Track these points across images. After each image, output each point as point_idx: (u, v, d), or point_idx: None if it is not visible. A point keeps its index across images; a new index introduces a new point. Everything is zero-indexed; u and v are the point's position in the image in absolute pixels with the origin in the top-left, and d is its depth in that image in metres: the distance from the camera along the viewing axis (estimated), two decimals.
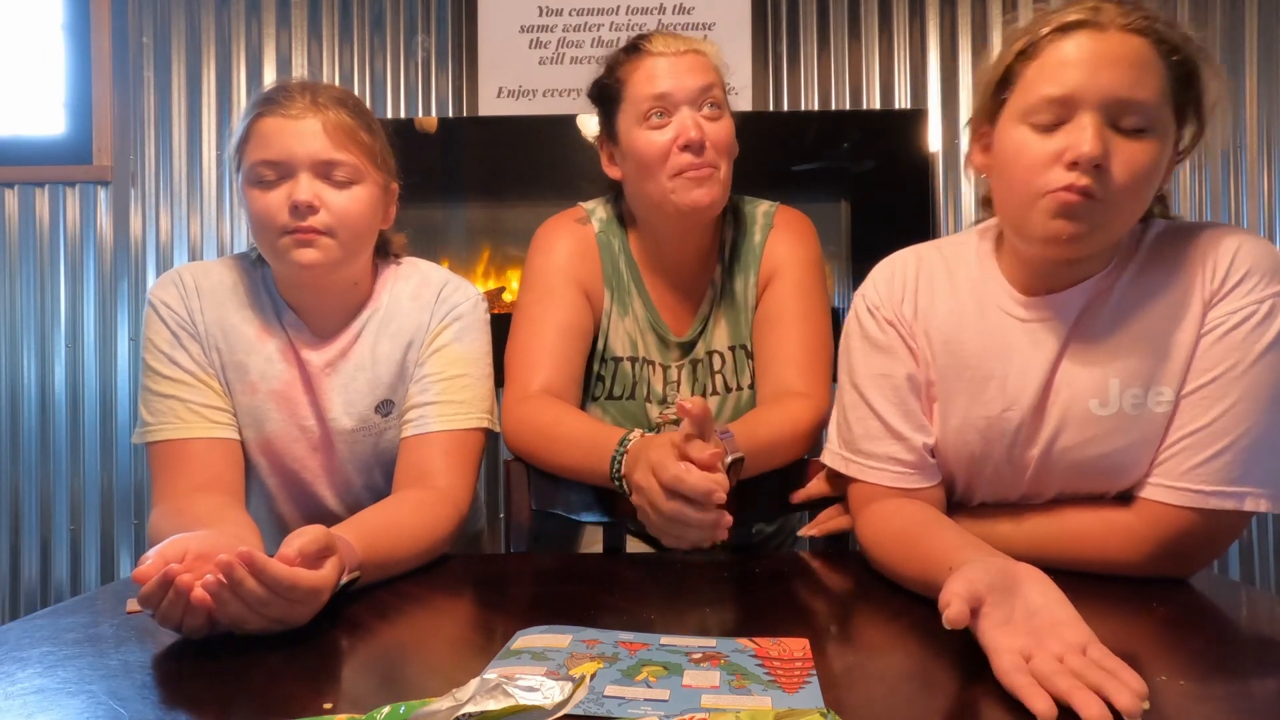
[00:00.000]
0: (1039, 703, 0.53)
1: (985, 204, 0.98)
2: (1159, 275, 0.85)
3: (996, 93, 0.86)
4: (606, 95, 1.20)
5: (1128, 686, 0.53)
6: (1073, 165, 0.77)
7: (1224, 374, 0.81)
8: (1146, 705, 0.52)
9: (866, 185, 2.28)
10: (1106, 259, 0.86)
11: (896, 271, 0.97)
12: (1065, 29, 0.80)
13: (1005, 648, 0.58)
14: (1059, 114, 0.79)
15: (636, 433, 1.00)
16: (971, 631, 0.62)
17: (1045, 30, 0.81)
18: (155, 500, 1.01)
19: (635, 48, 1.17)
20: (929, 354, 0.93)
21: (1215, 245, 0.83)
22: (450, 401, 1.07)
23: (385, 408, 1.10)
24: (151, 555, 0.67)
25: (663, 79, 1.13)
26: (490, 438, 1.12)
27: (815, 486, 1.08)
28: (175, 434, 1.02)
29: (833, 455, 0.99)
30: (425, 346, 1.10)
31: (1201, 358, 0.82)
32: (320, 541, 0.71)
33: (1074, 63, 0.79)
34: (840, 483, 1.05)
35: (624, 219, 1.27)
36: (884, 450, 0.93)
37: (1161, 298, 0.84)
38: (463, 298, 1.13)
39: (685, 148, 1.12)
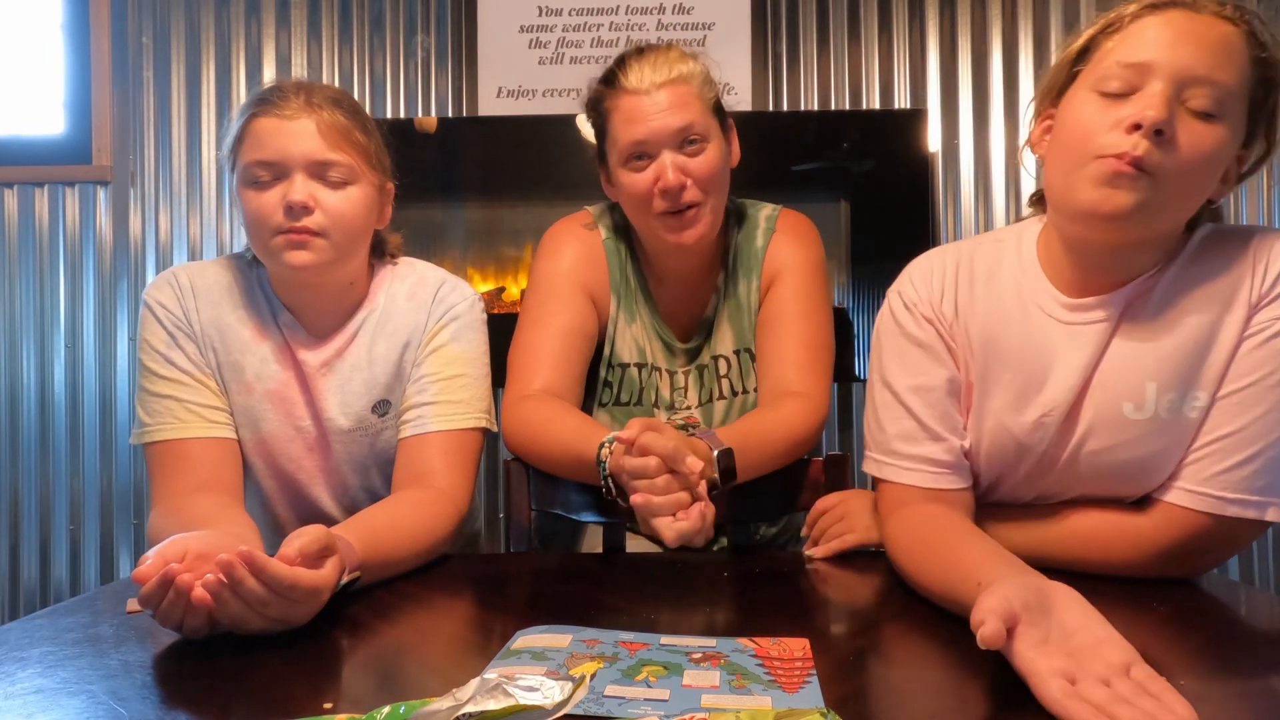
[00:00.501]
0: None
1: (1036, 201, 0.96)
2: (1204, 276, 0.83)
3: (1072, 65, 0.83)
4: (595, 122, 1.20)
5: (1176, 715, 0.50)
6: (1134, 128, 0.75)
7: (1260, 380, 0.79)
8: None
9: (866, 185, 2.28)
10: (1152, 259, 0.84)
11: (935, 269, 0.94)
12: (1157, 7, 0.78)
13: (1046, 670, 0.55)
14: (1131, 81, 0.77)
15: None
16: (1004, 652, 0.58)
17: (1135, 7, 0.80)
18: (154, 501, 1.01)
19: (613, 79, 1.15)
20: (969, 354, 0.91)
21: (1266, 248, 0.81)
22: (448, 401, 1.07)
23: (382, 408, 1.10)
24: (151, 555, 0.67)
25: (640, 124, 1.11)
26: (489, 438, 1.12)
27: (824, 529, 1.02)
28: (173, 434, 1.02)
29: (868, 461, 0.96)
30: (422, 347, 1.10)
31: (1240, 362, 0.81)
32: (321, 541, 0.71)
33: (1156, 34, 0.77)
34: (840, 509, 1.02)
35: (629, 227, 1.27)
36: (920, 451, 0.90)
37: (1206, 299, 0.82)
38: (459, 298, 1.13)
39: (664, 193, 1.11)
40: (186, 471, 1.01)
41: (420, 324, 1.11)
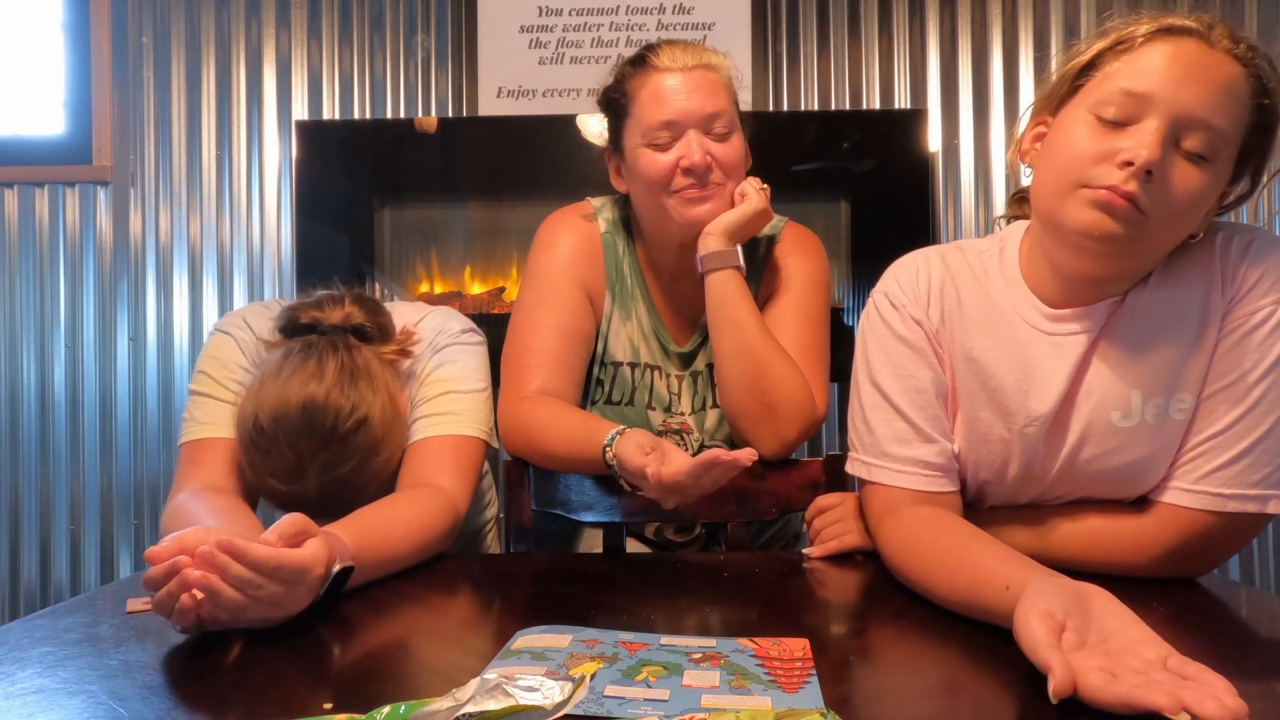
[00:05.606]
0: (1160, 698, 0.49)
1: (1015, 201, 0.96)
2: (1177, 281, 0.83)
3: (1075, 78, 0.82)
4: (614, 108, 1.19)
5: (1215, 689, 0.49)
6: (1125, 165, 0.75)
7: (1242, 376, 0.80)
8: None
9: (866, 185, 2.28)
10: (1133, 279, 0.84)
11: (922, 273, 0.93)
12: (1171, 32, 0.77)
13: (1084, 667, 0.54)
14: (1129, 111, 0.76)
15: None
16: (1028, 652, 0.57)
17: (1150, 28, 0.78)
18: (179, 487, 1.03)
19: (643, 60, 1.15)
20: (953, 362, 0.91)
21: (1231, 246, 0.82)
22: (441, 414, 1.07)
23: None
24: (169, 540, 0.68)
25: (669, 103, 1.10)
26: (490, 451, 1.12)
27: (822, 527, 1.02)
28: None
29: (854, 463, 0.95)
30: (419, 388, 1.10)
31: (1220, 360, 0.81)
32: (296, 525, 0.72)
33: (1165, 66, 0.75)
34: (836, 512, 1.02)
35: (630, 224, 1.26)
36: (912, 454, 0.89)
37: (1181, 303, 0.83)
38: (447, 339, 1.12)
39: (688, 171, 1.11)
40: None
41: (414, 372, 1.10)
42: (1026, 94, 2.32)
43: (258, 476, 0.99)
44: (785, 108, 2.35)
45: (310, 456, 0.96)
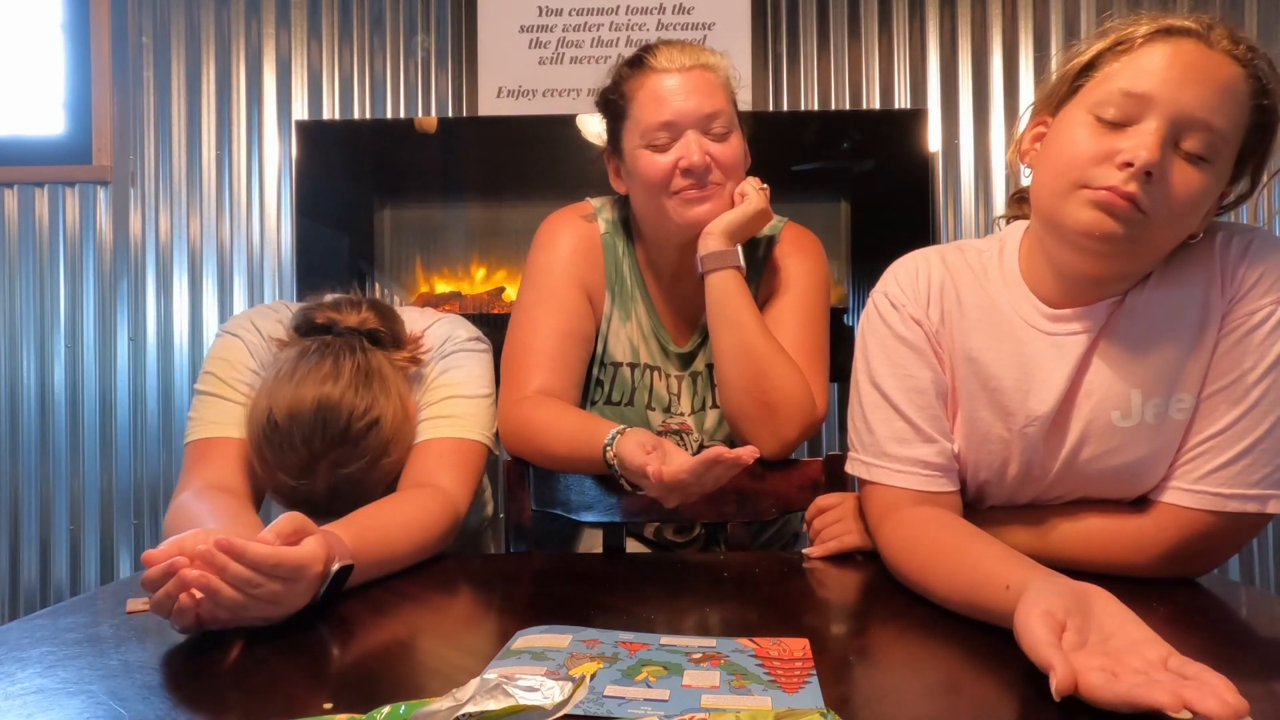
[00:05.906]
0: (1162, 696, 0.49)
1: (1015, 201, 0.96)
2: (1177, 281, 0.83)
3: (1075, 78, 0.82)
4: (612, 110, 1.18)
5: (1223, 694, 0.49)
6: (1125, 166, 0.75)
7: (1241, 376, 0.80)
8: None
9: (866, 185, 2.28)
10: (1133, 279, 0.84)
11: (921, 273, 0.93)
12: (1170, 33, 0.77)
13: (1085, 667, 0.54)
14: (1128, 112, 0.76)
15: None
16: (1030, 652, 0.57)
17: (1150, 29, 0.78)
18: (186, 485, 1.02)
19: (640, 61, 1.15)
20: (954, 362, 0.91)
21: (1231, 246, 0.82)
22: (444, 417, 1.07)
23: None
24: (168, 544, 0.68)
25: (668, 104, 1.10)
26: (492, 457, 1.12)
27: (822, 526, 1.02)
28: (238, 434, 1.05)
29: (854, 463, 0.95)
30: (425, 392, 1.11)
31: (1220, 360, 0.81)
32: (294, 523, 0.73)
33: (1165, 66, 0.75)
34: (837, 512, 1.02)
35: (630, 224, 1.26)
36: (912, 454, 0.89)
37: (1180, 303, 0.83)
38: (454, 345, 1.13)
39: (687, 172, 1.11)
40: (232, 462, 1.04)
41: (423, 378, 1.12)
42: (1026, 94, 2.32)
43: (268, 472, 0.99)
44: (785, 108, 2.35)
45: (322, 454, 0.97)
